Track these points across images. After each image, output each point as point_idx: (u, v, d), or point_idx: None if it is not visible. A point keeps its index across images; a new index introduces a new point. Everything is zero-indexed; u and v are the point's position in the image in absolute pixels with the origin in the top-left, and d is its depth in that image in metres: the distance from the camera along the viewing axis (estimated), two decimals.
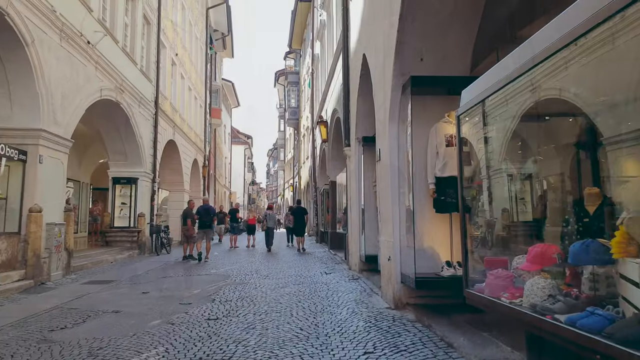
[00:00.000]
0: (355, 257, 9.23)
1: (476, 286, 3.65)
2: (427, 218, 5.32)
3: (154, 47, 16.56)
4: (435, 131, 5.25)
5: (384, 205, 6.07)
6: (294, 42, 29.47)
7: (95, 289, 8.17)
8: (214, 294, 7.50)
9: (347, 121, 9.54)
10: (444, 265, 5.11)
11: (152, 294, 7.63)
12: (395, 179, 5.50)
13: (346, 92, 9.55)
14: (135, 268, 11.43)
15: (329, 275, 9.36)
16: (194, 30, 24.07)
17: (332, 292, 7.32)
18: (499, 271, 3.18)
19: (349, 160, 9.77)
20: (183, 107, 21.54)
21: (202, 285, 8.54)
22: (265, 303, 6.54)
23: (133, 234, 15.08)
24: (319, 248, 17.17)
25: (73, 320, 5.68)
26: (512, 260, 3.26)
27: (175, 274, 10.41)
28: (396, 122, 5.55)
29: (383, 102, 5.92)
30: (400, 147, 5.51)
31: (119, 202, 15.32)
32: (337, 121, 12.42)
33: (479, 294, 3.53)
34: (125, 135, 14.47)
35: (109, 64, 11.99)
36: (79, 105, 10.43)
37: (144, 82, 15.47)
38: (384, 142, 5.95)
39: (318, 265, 11.41)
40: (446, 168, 5.14)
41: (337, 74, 11.70)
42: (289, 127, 38.56)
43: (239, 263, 12.34)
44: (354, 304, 6.18)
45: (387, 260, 5.67)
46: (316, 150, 19.43)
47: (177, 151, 20.27)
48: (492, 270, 3.27)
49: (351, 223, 9.80)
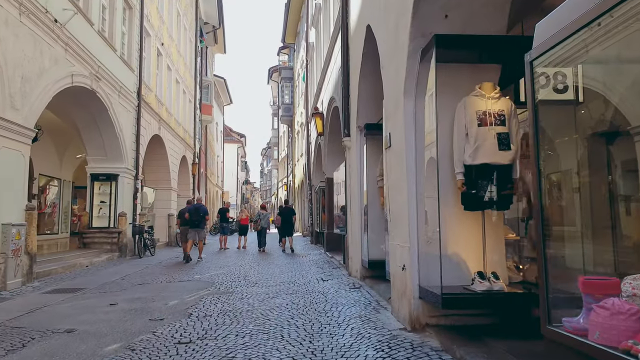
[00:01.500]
0: (356, 262, 8.13)
1: (567, 322, 2.45)
2: (453, 217, 4.24)
3: (137, 34, 15.38)
4: (464, 107, 4.17)
5: (395, 202, 4.98)
6: (287, 36, 28.60)
7: (56, 300, 7.03)
8: (192, 306, 6.38)
9: (346, 108, 8.44)
10: (475, 276, 4.03)
11: (120, 306, 6.50)
12: (411, 168, 4.41)
13: (345, 75, 8.44)
14: (111, 273, 10.28)
15: (326, 282, 8.26)
16: (182, 20, 22.91)
17: (331, 304, 6.21)
18: (616, 303, 2.05)
19: (349, 152, 8.67)
20: (170, 101, 20.37)
21: (181, 294, 7.42)
22: (252, 320, 5.43)
23: (113, 235, 13.89)
24: (314, 250, 16.06)
25: (9, 346, 4.54)
26: (623, 282, 2.13)
27: (155, 279, 9.28)
28: (413, 96, 4.46)
29: (395, 75, 4.82)
30: (418, 128, 4.42)
31: (97, 200, 14.13)
32: (335, 111, 11.32)
33: (583, 339, 2.26)
34: (104, 127, 13.28)
35: (82, 47, 10.82)
36: (45, 91, 9.25)
37: (125, 71, 14.29)
38: (396, 123, 4.85)
39: (313, 269, 10.31)
40: (478, 153, 4.05)
41: (334, 58, 10.60)
42: (282, 125, 37.78)
43: (226, 267, 11.22)
44: (358, 322, 5.08)
45: (401, 270, 4.57)
46: (311, 145, 18.32)
47: (164, 147, 19.12)
48: (603, 301, 2.12)
49: (351, 224, 8.70)
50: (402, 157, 4.54)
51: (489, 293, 3.83)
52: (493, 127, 4.06)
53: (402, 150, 4.54)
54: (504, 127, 4.09)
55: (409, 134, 4.46)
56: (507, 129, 4.10)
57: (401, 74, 4.57)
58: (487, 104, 4.12)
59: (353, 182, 8.39)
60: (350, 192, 8.65)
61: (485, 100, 4.14)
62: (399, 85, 4.63)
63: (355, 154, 8.10)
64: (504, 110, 4.14)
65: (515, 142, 4.12)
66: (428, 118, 4.37)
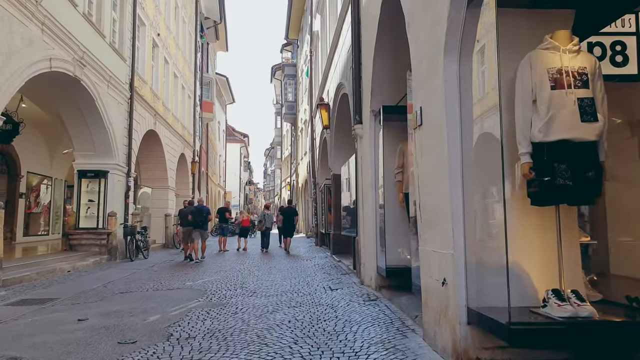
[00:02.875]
0: (370, 268, 7.01)
1: None
2: (514, 214, 3.12)
3: (129, 22, 14.32)
4: (530, 64, 3.05)
5: (430, 196, 3.84)
6: (291, 31, 27.75)
7: (16, 314, 5.94)
8: (175, 323, 5.29)
9: (357, 91, 7.31)
10: (550, 296, 2.91)
11: (90, 323, 5.41)
12: (455, 149, 3.29)
13: (357, 53, 7.30)
14: (94, 279, 9.20)
15: (335, 292, 7.15)
16: (180, 12, 21.90)
17: (343, 322, 5.10)
18: None
19: (360, 142, 7.55)
20: (167, 95, 19.34)
21: (165, 306, 6.33)
22: (244, 344, 4.32)
23: (102, 237, 12.83)
24: (320, 252, 14.92)
25: None
26: None
27: (141, 287, 8.20)
28: (456, 54, 3.34)
29: (431, 29, 3.68)
30: (464, 96, 3.30)
31: (85, 199, 13.05)
32: (343, 99, 10.20)
33: None
34: (91, 120, 12.24)
35: (62, 30, 9.76)
36: (16, 74, 8.19)
37: (116, 59, 13.24)
38: (432, 93, 3.71)
39: (319, 275, 9.19)
40: (552, 126, 2.94)
41: (343, 38, 9.47)
42: (285, 123, 36.85)
43: (223, 272, 10.13)
44: (381, 352, 3.94)
45: (440, 285, 3.45)
46: (315, 141, 17.21)
47: (160, 143, 18.09)
48: None
49: (363, 224, 7.58)
50: (442, 136, 3.41)
51: (575, 321, 2.72)
52: (572, 90, 2.95)
53: (442, 126, 3.42)
54: (587, 91, 2.97)
55: (451, 105, 3.34)
56: (591, 92, 2.98)
57: (440, 27, 3.45)
58: (563, 60, 3.01)
59: (365, 176, 7.27)
60: (362, 188, 7.53)
61: (560, 54, 3.03)
62: (437, 42, 3.51)
63: (368, 143, 6.98)
64: (585, 67, 3.02)
65: (602, 112, 3.00)
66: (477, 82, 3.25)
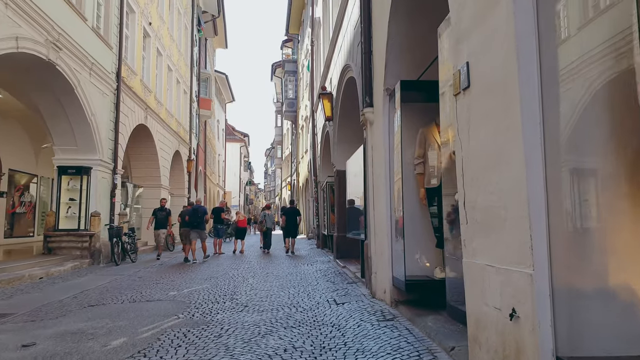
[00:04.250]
0: (384, 279, 5.86)
1: None
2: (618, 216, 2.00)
3: (116, 7, 13.22)
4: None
5: (485, 187, 2.67)
6: (291, 26, 26.97)
7: None
8: (141, 351, 4.17)
9: (367, 68, 6.16)
10: None
11: (35, 350, 4.30)
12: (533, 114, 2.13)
13: (367, 24, 6.15)
14: (66, 288, 8.10)
15: (341, 306, 6.01)
16: (175, 2, 20.79)
17: (354, 354, 3.95)
18: None
19: (370, 129, 6.41)
20: (160, 89, 18.24)
21: (137, 324, 5.22)
22: None
23: (83, 239, 11.71)
24: (322, 256, 13.78)
25: None
26: None
27: (116, 298, 7.09)
28: None
29: None
30: (545, 29, 2.14)
31: (66, 197, 11.95)
32: (348, 86, 9.06)
33: None
34: (71, 110, 11.13)
35: (33, 6, 8.67)
36: None
37: (100, 46, 12.14)
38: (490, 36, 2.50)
39: (322, 284, 8.06)
40: None
41: (348, 15, 8.31)
42: (286, 122, 35.93)
43: (213, 279, 9.01)
44: None
45: (509, 318, 2.30)
46: (317, 137, 16.08)
47: (152, 139, 16.98)
48: None
49: (374, 226, 6.44)
50: (510, 99, 2.25)
51: None
52: None
53: (509, 84, 2.25)
54: None
55: (524, 49, 2.20)
56: None
57: None
58: None
59: (377, 169, 6.14)
60: (373, 184, 6.39)
61: None
62: None
63: (381, 129, 5.83)
64: None
65: None
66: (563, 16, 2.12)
